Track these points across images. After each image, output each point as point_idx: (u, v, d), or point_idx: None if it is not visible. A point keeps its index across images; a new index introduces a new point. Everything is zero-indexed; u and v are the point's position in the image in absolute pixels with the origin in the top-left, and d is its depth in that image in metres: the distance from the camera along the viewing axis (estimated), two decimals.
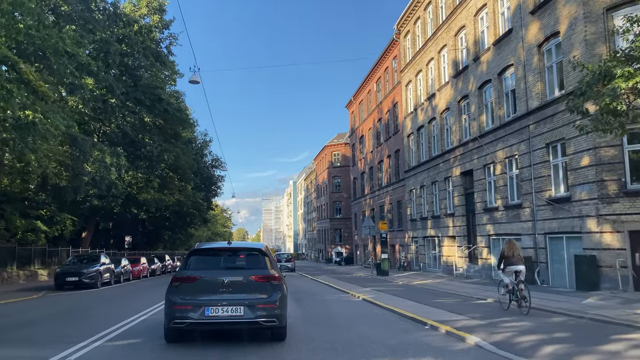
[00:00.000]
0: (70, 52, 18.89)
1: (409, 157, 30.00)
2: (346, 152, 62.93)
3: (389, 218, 34.52)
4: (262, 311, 6.71)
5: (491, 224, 19.43)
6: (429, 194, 26.38)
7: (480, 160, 20.41)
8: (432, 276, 23.46)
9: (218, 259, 7.41)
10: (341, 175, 62.92)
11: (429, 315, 9.80)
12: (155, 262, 36.46)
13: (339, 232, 63.15)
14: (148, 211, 44.70)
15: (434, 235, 25.71)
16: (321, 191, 71.60)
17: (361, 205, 43.60)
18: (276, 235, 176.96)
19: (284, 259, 37.56)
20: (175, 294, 6.86)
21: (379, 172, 37.59)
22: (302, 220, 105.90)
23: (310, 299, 14.31)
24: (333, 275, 28.97)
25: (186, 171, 40.91)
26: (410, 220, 29.56)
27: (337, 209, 63.67)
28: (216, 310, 6.63)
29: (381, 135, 36.80)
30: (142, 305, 12.64)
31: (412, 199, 29.57)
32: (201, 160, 57.34)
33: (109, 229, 50.13)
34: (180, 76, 39.45)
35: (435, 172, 25.33)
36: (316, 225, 78.63)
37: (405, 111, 30.54)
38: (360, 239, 43.70)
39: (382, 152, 36.10)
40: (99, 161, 25.20)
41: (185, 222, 54.21)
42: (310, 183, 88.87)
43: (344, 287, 18.74)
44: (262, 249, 7.62)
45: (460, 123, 22.66)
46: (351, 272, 32.38)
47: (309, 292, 17.25)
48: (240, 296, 6.74)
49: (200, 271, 7.06)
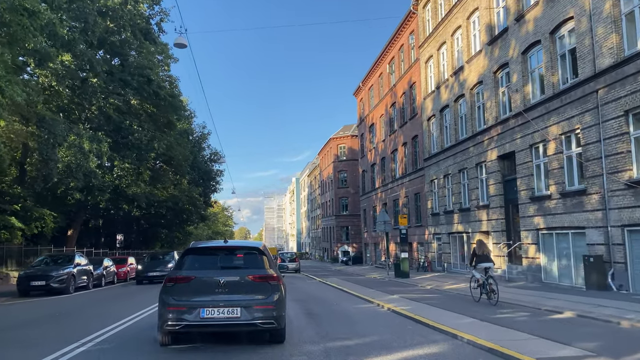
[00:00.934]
0: (30, 9, 15.64)
1: (429, 143, 26.63)
2: (353, 144, 59.57)
3: (404, 213, 31.13)
4: (260, 312, 6.46)
5: (541, 216, 16.07)
6: (455, 184, 23.01)
7: (525, 140, 17.04)
8: (462, 278, 20.11)
9: (214, 258, 7.10)
10: (347, 169, 59.54)
11: (523, 348, 6.42)
12: None
13: (345, 230, 59.81)
14: (140, 207, 41.57)
15: (462, 231, 22.36)
16: (326, 187, 68.26)
17: (371, 200, 40.25)
18: (278, 234, 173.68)
19: (288, 258, 34.27)
20: (169, 294, 6.55)
21: (392, 163, 34.22)
22: (306, 218, 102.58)
23: (325, 311, 11.00)
24: (344, 277, 25.65)
25: (181, 163, 37.62)
26: (431, 215, 26.21)
27: (343, 205, 60.32)
28: (212, 312, 6.37)
29: (395, 122, 33.43)
30: (111, 318, 9.65)
31: (433, 190, 26.20)
32: (199, 154, 54.18)
33: (99, 227, 46.97)
34: (175, 61, 36.27)
35: (464, 157, 21.96)
36: (321, 222, 75.33)
37: (424, 91, 27.17)
38: (370, 236, 40.37)
39: (397, 139, 32.74)
40: (76, 147, 21.93)
41: (182, 220, 50.99)
42: (314, 179, 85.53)
43: (362, 292, 15.41)
44: (259, 248, 7.29)
45: (496, 98, 19.29)
46: (363, 273, 29.06)
47: (322, 300, 13.93)
48: (237, 297, 6.49)
49: (195, 271, 6.77)
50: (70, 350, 6.65)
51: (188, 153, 40.22)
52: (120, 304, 13.45)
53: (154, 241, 66.59)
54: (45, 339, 7.75)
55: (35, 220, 29.50)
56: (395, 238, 32.21)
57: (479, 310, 10.19)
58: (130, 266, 28.44)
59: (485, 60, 19.96)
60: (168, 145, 33.78)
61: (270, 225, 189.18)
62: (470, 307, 10.82)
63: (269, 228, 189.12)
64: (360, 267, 39.55)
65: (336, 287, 18.71)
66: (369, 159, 40.89)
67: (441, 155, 24.72)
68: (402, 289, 16.56)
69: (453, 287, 16.55)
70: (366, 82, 41.11)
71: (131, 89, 27.71)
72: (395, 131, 33.15)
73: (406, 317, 9.74)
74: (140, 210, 47.46)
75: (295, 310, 11.11)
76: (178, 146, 36.37)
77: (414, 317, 9.51)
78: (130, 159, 29.20)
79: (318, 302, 13.15)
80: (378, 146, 37.72)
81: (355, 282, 20.84)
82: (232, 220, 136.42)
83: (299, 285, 20.79)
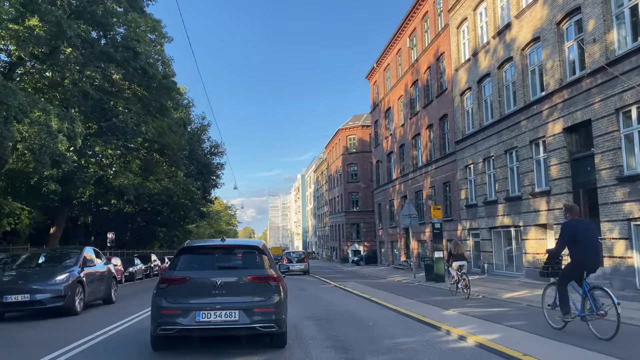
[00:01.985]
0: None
1: (463, 122, 22.74)
2: (363, 135, 55.72)
3: (429, 206, 27.25)
4: (260, 315, 6.10)
5: (634, 202, 12.17)
6: (499, 168, 19.11)
7: (607, 104, 13.13)
8: (515, 283, 16.27)
9: (210, 257, 6.77)
10: (358, 162, 55.67)
11: None
12: (136, 264, 29.54)
13: (355, 227, 55.97)
14: (130, 202, 37.90)
15: (509, 224, 18.47)
16: (334, 182, 64.42)
17: (387, 193, 36.37)
18: (283, 233, 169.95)
19: (295, 258, 30.45)
20: (163, 296, 6.20)
21: (414, 150, 30.32)
22: (312, 215, 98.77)
23: (367, 346, 7.04)
24: (362, 281, 21.84)
25: (176, 153, 33.87)
26: (465, 207, 22.32)
27: (353, 200, 56.45)
28: (208, 315, 6.01)
29: (417, 102, 29.55)
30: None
31: (468, 177, 22.32)
32: (198, 146, 50.52)
33: (87, 225, 43.37)
34: (169, 40, 32.50)
35: (512, 135, 18.06)
36: (328, 220, 71.52)
37: (456, 62, 23.28)
38: (386, 234, 36.51)
39: (419, 122, 28.84)
40: (40, 124, 18.21)
41: (180, 217, 47.34)
42: (321, 174, 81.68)
43: (403, 305, 11.55)
44: (259, 247, 6.87)
45: (560, 55, 15.37)
46: (383, 275, 25.23)
47: (349, 318, 10.07)
48: (235, 299, 6.13)
49: (190, 271, 6.40)
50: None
51: (184, 142, 36.49)
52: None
53: (152, 241, 62.95)
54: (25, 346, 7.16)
55: (6, 215, 25.86)
56: (419, 235, 28.33)
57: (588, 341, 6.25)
58: (115, 268, 24.72)
59: (543, 9, 16.03)
60: (160, 131, 30.03)
61: (275, 224, 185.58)
62: (576, 336, 6.81)
63: (274, 227, 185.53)
64: (376, 267, 35.69)
65: (362, 295, 14.86)
66: (384, 148, 37.00)
67: (479, 135, 20.82)
68: (449, 300, 12.72)
69: (515, 296, 12.68)
70: (381, 62, 37.20)
71: (114, 62, 24.00)
72: (417, 113, 29.25)
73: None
74: (132, 205, 43.89)
75: (316, 338, 7.32)
76: (172, 134, 32.65)
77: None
78: (114, 144, 25.46)
79: (346, 322, 9.30)
80: (396, 132, 33.82)
81: (380, 288, 17.03)
82: (235, 219, 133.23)
83: (312, 292, 16.97)
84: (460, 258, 13.54)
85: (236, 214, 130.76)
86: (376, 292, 15.16)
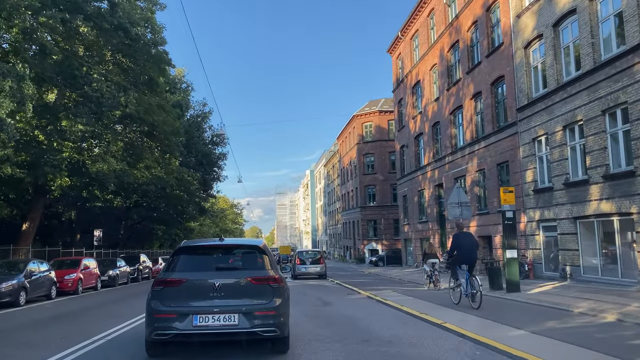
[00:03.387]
0: None
1: (529, 82, 17.74)
2: (381, 122, 50.74)
3: (475, 194, 22.30)
4: (261, 319, 5.85)
5: None
6: (593, 135, 14.10)
7: None
8: (631, 296, 11.30)
9: (208, 258, 6.53)
10: (375, 151, 50.67)
11: None
12: (119, 266, 24.88)
13: (372, 224, 51.02)
14: (117, 193, 33.28)
15: (612, 212, 13.46)
16: (347, 175, 59.49)
17: (415, 182, 31.40)
18: (291, 232, 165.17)
19: (309, 259, 25.51)
20: (158, 300, 5.94)
21: (452, 127, 25.34)
22: (322, 213, 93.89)
23: None
24: (400, 288, 16.96)
25: (168, 137, 29.15)
26: (533, 192, 17.34)
27: (369, 195, 51.48)
28: (206, 319, 5.75)
29: (457, 69, 24.58)
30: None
31: (537, 153, 17.34)
32: (198, 135, 45.88)
33: (72, 221, 38.84)
34: (161, 8, 27.89)
35: (617, 86, 13.05)
36: (340, 217, 66.62)
37: (518, 6, 18.28)
38: (414, 230, 31.54)
39: (461, 93, 23.85)
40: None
41: (177, 212, 42.65)
42: (332, 168, 76.79)
43: (530, 349, 6.63)
44: (259, 247, 6.65)
45: None
46: (419, 280, 20.28)
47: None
48: (234, 302, 5.89)
49: (187, 273, 6.12)
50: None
51: (179, 126, 31.75)
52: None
53: (150, 240, 58.40)
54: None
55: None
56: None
57: None
58: (86, 271, 20.05)
59: None
60: (146, 108, 25.33)
61: (283, 223, 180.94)
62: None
63: (281, 226, 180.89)
64: (402, 269, 30.74)
65: (430, 320, 9.86)
66: (411, 130, 32.01)
67: (555, 95, 15.82)
68: (553, 324, 7.83)
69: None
70: (407, 30, 32.19)
71: (81, 14, 19.29)
72: (457, 82, 24.24)
73: None
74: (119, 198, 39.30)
75: None
76: (163, 113, 27.93)
77: None
78: (86, 117, 20.73)
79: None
80: (427, 109, 28.82)
81: (436, 302, 12.09)
82: (242, 218, 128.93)
83: (340, 308, 12.04)
84: (433, 257, 16.27)
85: (243, 212, 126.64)
86: (446, 313, 10.22)
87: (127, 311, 11.72)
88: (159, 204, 39.39)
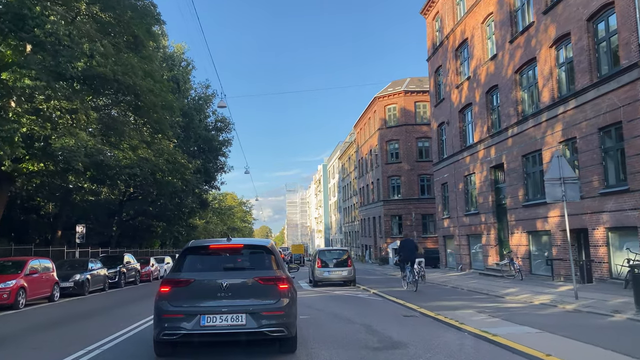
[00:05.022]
0: None
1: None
2: (407, 104, 45.25)
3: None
4: (268, 319, 5.96)
5: None
6: None
7: None
8: None
9: (216, 258, 6.62)
10: (400, 137, 45.18)
11: None
12: (92, 268, 19.84)
13: (397, 220, 45.57)
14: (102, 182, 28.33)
15: None
16: (367, 166, 54.10)
17: (460, 166, 25.99)
18: (302, 230, 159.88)
19: (333, 260, 20.02)
20: (165, 300, 6.06)
21: (518, 89, 19.89)
22: (336, 209, 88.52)
23: None
24: (478, 305, 11.57)
25: (157, 110, 24.01)
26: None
27: (394, 186, 46.00)
28: (214, 319, 5.88)
29: (528, 11, 19.14)
30: None
31: None
32: (201, 120, 40.86)
33: (57, 215, 33.96)
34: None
35: None
36: (358, 213, 61.26)
37: None
38: (458, 225, 26.11)
39: (534, 41, 18.37)
40: None
41: (175, 205, 37.62)
42: (348, 160, 71.41)
43: None
44: (266, 246, 6.76)
45: None
46: (492, 290, 14.94)
47: None
48: (241, 302, 6.01)
49: (194, 273, 6.26)
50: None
51: (171, 98, 26.58)
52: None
53: (148, 238, 53.46)
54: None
55: None
56: (532, 222, 17.97)
57: None
58: (33, 277, 14.96)
59: None
60: (125, 69, 20.23)
61: (293, 221, 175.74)
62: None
63: (291, 225, 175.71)
64: (442, 272, 25.34)
65: None
66: (454, 102, 26.55)
67: None
68: None
69: None
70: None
71: None
72: (528, 28, 18.75)
73: None
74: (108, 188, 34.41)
75: None
76: (150, 80, 22.82)
77: None
78: (36, 70, 15.62)
79: None
80: (478, 73, 23.37)
81: (577, 337, 6.74)
82: (251, 216, 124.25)
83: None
84: (420, 256, 18.12)
85: (252, 210, 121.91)
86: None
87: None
88: (149, 192, 34.39)
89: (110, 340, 8.07)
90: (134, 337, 8.50)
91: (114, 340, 8.15)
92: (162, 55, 37.29)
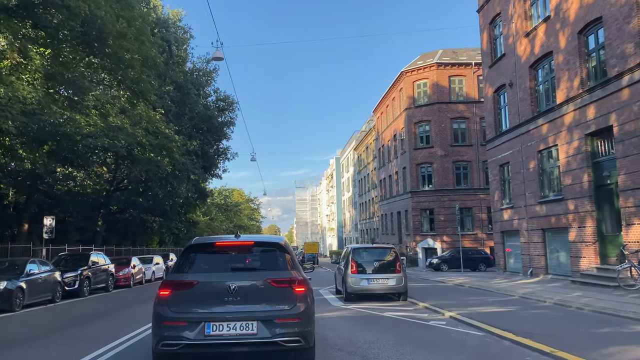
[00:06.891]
0: None
1: None
2: (440, 79, 39.32)
3: None
4: (282, 328, 5.24)
5: None
6: None
7: None
8: None
9: (223, 257, 5.89)
10: (432, 117, 39.27)
11: None
12: (30, 272, 14.25)
13: (428, 215, 39.70)
14: (67, 160, 22.88)
15: None
16: (389, 154, 48.28)
17: (530, 139, 20.14)
18: (312, 229, 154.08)
19: (374, 264, 14.05)
20: (165, 305, 5.35)
21: (638, 18, 13.96)
22: (351, 205, 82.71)
23: None
24: None
25: (132, 63, 18.39)
26: None
27: (424, 176, 40.13)
28: (220, 327, 5.19)
29: None
30: None
31: None
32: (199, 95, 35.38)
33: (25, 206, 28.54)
34: None
35: None
36: (377, 208, 55.45)
37: None
38: (527, 216, 20.25)
39: None
40: None
41: (167, 194, 32.10)
42: (366, 150, 65.56)
43: None
44: (280, 244, 6.05)
45: None
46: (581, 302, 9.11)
47: None
48: (252, 307, 5.31)
49: (198, 274, 5.57)
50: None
51: (154, 54, 20.91)
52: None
53: (143, 234, 47.75)
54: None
55: None
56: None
57: None
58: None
59: None
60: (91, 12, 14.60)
61: (303, 219, 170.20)
62: None
63: (301, 223, 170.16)
64: (505, 279, 19.47)
65: None
66: (520, 56, 20.68)
67: None
68: None
69: None
70: None
71: None
72: None
73: None
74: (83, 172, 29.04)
75: None
76: (120, 18, 17.23)
77: None
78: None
79: None
80: (564, 8, 17.46)
81: None
82: (259, 214, 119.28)
83: None
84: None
85: (260, 207, 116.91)
86: None
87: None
88: (139, 180, 28.92)
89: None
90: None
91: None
92: (154, 18, 31.82)
